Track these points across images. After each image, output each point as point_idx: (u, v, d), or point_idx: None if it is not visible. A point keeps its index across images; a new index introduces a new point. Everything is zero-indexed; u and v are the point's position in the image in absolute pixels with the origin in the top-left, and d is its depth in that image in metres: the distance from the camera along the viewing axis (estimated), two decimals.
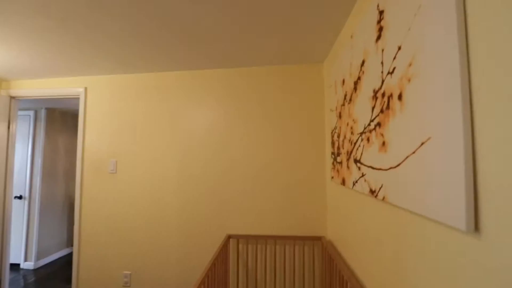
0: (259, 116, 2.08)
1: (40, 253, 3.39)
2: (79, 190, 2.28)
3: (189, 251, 2.08)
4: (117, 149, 2.24)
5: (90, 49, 1.80)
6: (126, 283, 2.13)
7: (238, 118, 2.10)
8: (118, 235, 2.18)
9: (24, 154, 3.50)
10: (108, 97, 2.29)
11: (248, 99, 2.10)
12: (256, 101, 2.09)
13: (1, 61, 2.01)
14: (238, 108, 2.11)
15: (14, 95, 2.41)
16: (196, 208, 2.10)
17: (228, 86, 2.14)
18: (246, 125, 2.08)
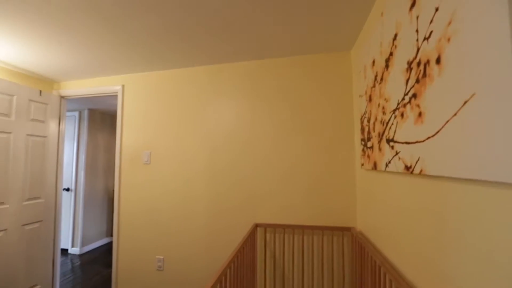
0: (285, 107, 2.08)
1: (84, 240, 3.69)
2: (118, 181, 2.44)
3: (217, 238, 2.13)
4: (151, 141, 2.37)
5: (127, 47, 1.93)
6: (160, 267, 2.23)
7: (264, 109, 2.12)
8: (152, 222, 2.30)
9: (70, 151, 3.84)
10: (143, 93, 2.44)
11: (274, 90, 2.11)
12: (282, 92, 2.09)
13: (54, 64, 2.24)
14: (264, 100, 2.12)
15: (64, 94, 2.67)
16: (224, 197, 2.14)
17: (254, 79, 2.17)
18: (273, 116, 2.09)
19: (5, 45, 1.87)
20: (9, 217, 2.17)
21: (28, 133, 2.34)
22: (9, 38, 1.78)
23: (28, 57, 2.10)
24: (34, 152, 2.39)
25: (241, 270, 1.57)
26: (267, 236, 2.04)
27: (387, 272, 1.14)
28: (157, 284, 2.25)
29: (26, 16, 1.52)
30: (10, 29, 1.66)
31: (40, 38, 1.77)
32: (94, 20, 1.56)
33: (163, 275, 2.24)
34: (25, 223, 2.30)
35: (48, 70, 2.39)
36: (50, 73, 2.46)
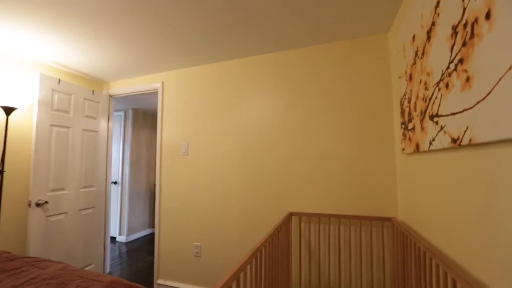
0: (318, 96, 2.05)
1: (130, 230, 4.00)
2: (159, 171, 2.61)
3: (251, 226, 2.17)
4: (189, 133, 2.50)
5: (167, 45, 2.07)
6: (197, 253, 2.33)
7: (297, 99, 2.11)
8: (190, 211, 2.42)
9: (117, 148, 4.19)
10: (180, 88, 2.58)
11: (306, 79, 2.10)
12: (315, 81, 2.07)
13: (104, 66, 2.49)
14: (297, 90, 2.12)
15: (112, 93, 2.94)
16: (258, 185, 2.18)
17: (286, 69, 2.17)
18: (306, 106, 2.08)
19: (65, 50, 2.13)
20: (69, 202, 2.44)
21: (83, 128, 2.61)
22: (69, 45, 2.02)
23: (82, 60, 2.36)
24: (88, 145, 2.66)
25: (276, 255, 1.58)
26: (302, 225, 2.03)
27: (433, 256, 1.07)
28: (194, 269, 2.35)
29: (83, 24, 1.71)
30: (69, 37, 1.88)
31: (92, 42, 1.98)
32: (137, 20, 1.70)
33: (200, 261, 2.33)
34: (81, 208, 2.57)
35: (98, 72, 2.65)
36: (100, 74, 2.72)
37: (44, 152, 2.25)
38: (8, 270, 1.39)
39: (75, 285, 1.20)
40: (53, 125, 2.34)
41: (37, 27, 1.79)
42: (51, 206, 2.29)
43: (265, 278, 1.31)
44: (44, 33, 1.88)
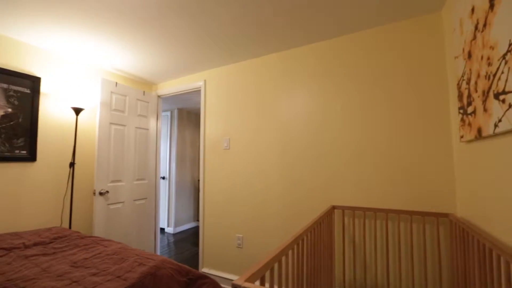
0: (362, 84, 1.95)
1: (176, 222, 4.27)
2: (203, 167, 2.75)
3: (291, 219, 2.15)
4: (230, 128, 2.58)
5: (209, 44, 2.17)
6: (239, 244, 2.40)
7: (339, 90, 2.04)
8: (232, 203, 2.50)
9: (165, 145, 4.51)
10: (221, 84, 2.68)
11: (349, 68, 2.01)
12: (358, 69, 1.97)
13: (152, 68, 2.71)
14: (338, 80, 2.04)
15: (159, 94, 3.18)
16: (299, 178, 2.15)
17: (326, 60, 2.11)
18: (349, 96, 2.00)
19: (122, 57, 2.37)
20: (125, 192, 2.71)
21: (136, 126, 2.88)
22: (125, 52, 2.25)
23: (135, 64, 2.60)
24: (140, 142, 2.92)
25: (318, 247, 1.55)
26: (345, 219, 1.95)
27: (502, 253, 0.94)
28: (236, 260, 2.42)
29: (136, 32, 1.88)
30: (125, 45, 2.09)
31: (143, 47, 2.17)
32: (185, 21, 1.81)
33: (242, 252, 2.39)
34: (135, 198, 2.82)
35: (148, 74, 2.90)
36: (150, 76, 2.97)
37: (105, 147, 2.53)
38: (80, 246, 1.60)
39: (132, 261, 1.33)
40: (112, 123, 2.62)
41: (101, 38, 2.03)
42: (111, 195, 2.56)
43: (307, 268, 1.29)
44: (106, 43, 2.11)
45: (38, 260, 1.38)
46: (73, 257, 1.41)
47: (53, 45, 2.22)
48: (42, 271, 1.23)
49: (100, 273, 1.21)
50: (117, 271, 1.22)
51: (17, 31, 1.98)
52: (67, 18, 1.80)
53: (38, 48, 2.24)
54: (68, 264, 1.31)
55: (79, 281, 1.12)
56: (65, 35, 2.03)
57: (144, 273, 1.19)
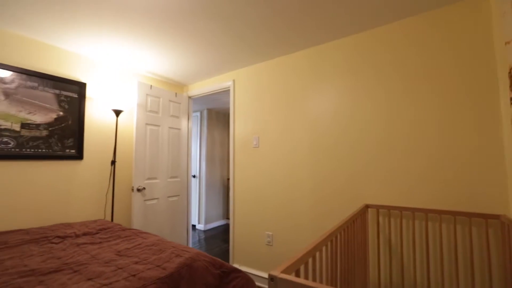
0: (399, 78, 1.86)
1: (207, 219, 4.40)
2: (232, 165, 2.80)
3: (322, 217, 2.11)
4: (259, 127, 2.60)
5: (239, 43, 2.21)
6: (269, 242, 2.41)
7: (369, 85, 1.96)
8: (261, 201, 2.51)
9: (195, 145, 4.67)
10: (250, 84, 2.72)
11: (380, 62, 1.93)
12: (390, 62, 1.88)
13: (184, 71, 2.83)
14: (368, 75, 1.97)
15: (190, 95, 3.30)
16: (329, 176, 2.11)
17: (355, 55, 2.04)
18: (380, 91, 1.91)
19: (155, 61, 2.50)
20: (160, 189, 2.85)
21: (169, 126, 3.02)
22: (158, 56, 2.37)
23: (167, 67, 2.73)
24: (172, 141, 3.06)
25: (352, 246, 1.51)
26: (380, 219, 1.87)
27: None
28: (266, 257, 2.43)
29: (170, 36, 1.98)
30: (159, 50, 2.21)
31: (175, 50, 2.27)
32: (216, 22, 1.87)
33: (272, 250, 2.40)
34: (169, 195, 2.96)
35: (179, 76, 3.02)
36: (181, 78, 3.10)
37: (142, 147, 2.69)
38: (122, 237, 1.72)
39: (170, 252, 1.40)
40: (148, 124, 2.78)
41: (137, 44, 2.16)
42: (147, 192, 2.71)
43: (340, 266, 1.26)
44: (142, 48, 2.25)
45: (88, 248, 1.50)
46: (117, 247, 1.52)
47: (96, 53, 2.40)
48: (91, 257, 1.35)
49: (141, 262, 1.29)
50: (157, 261, 1.29)
51: (66, 42, 2.19)
52: (108, 28, 1.94)
53: (84, 56, 2.45)
54: (113, 253, 1.42)
55: (124, 268, 1.21)
56: (106, 42, 2.19)
57: (181, 264, 1.25)
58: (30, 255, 1.39)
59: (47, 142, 2.20)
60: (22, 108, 2.08)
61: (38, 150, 2.14)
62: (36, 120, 2.15)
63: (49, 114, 2.22)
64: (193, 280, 1.20)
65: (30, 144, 2.11)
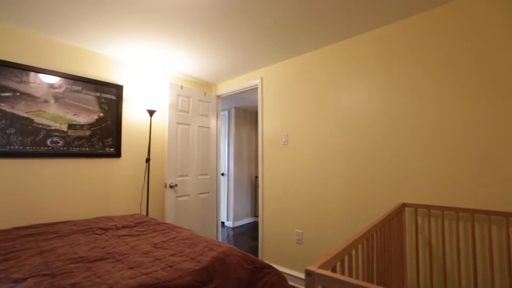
0: (434, 69, 1.73)
1: (235, 217, 4.46)
2: (261, 163, 2.81)
3: (354, 215, 2.03)
4: (287, 124, 2.58)
5: (266, 40, 2.20)
6: (299, 240, 2.38)
7: (406, 76, 1.85)
8: (291, 199, 2.49)
9: (223, 143, 4.75)
10: (278, 81, 2.70)
11: (422, 52, 1.81)
12: (431, 51, 1.75)
13: (212, 70, 2.89)
14: (405, 67, 1.85)
15: (219, 94, 3.37)
16: (361, 173, 2.02)
17: (389, 46, 1.94)
18: (418, 82, 1.79)
19: (186, 62, 2.59)
20: (191, 186, 2.95)
21: (199, 124, 3.10)
22: (189, 57, 2.45)
23: (196, 67, 2.81)
24: (202, 140, 3.14)
25: (388, 246, 1.44)
26: (419, 219, 1.76)
27: None
28: (296, 256, 2.40)
29: (200, 36, 2.04)
30: (189, 51, 2.28)
31: (204, 50, 2.33)
32: (244, 20, 1.88)
33: (301, 248, 2.37)
34: (199, 192, 3.05)
35: (208, 76, 3.10)
36: (209, 77, 3.17)
37: (173, 145, 2.80)
38: (157, 230, 1.81)
39: (203, 246, 1.44)
40: (179, 123, 2.88)
41: (168, 46, 2.26)
42: (179, 188, 2.82)
43: (377, 266, 1.21)
44: (174, 49, 2.34)
45: (127, 239, 1.60)
46: (153, 239, 1.60)
47: (131, 57, 2.54)
48: (131, 248, 1.43)
49: (177, 254, 1.34)
50: (191, 254, 1.33)
51: (106, 48, 2.34)
52: (142, 32, 2.04)
53: (120, 60, 2.60)
54: (150, 245, 1.49)
55: (161, 259, 1.26)
56: (140, 46, 2.31)
57: (215, 257, 1.28)
58: (78, 244, 1.51)
59: (90, 141, 2.37)
60: (69, 110, 2.27)
61: (82, 148, 2.32)
62: (80, 121, 2.33)
63: (91, 115, 2.40)
64: (226, 274, 1.22)
65: (76, 143, 2.29)
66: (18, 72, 2.02)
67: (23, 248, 1.41)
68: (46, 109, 2.14)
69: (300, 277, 2.34)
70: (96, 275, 1.10)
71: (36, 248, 1.42)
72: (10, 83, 1.98)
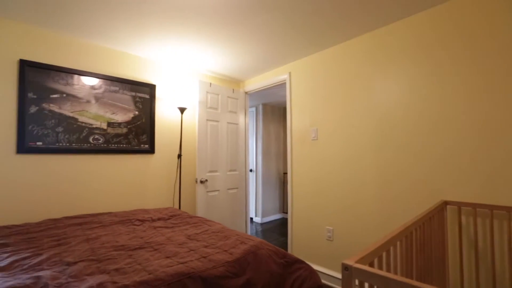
0: (488, 58, 1.57)
1: (264, 212, 4.49)
2: (290, 159, 2.78)
3: (389, 213, 1.94)
4: (317, 118, 2.52)
5: (293, 34, 2.16)
6: (329, 237, 2.32)
7: (448, 63, 1.71)
8: (321, 195, 2.44)
9: (251, 140, 4.78)
10: (306, 75, 2.65)
11: (459, 41, 1.66)
12: (475, 39, 1.60)
13: (240, 67, 2.91)
14: (446, 53, 1.71)
15: (246, 90, 3.39)
16: (398, 168, 1.92)
17: (432, 31, 1.80)
18: (464, 68, 1.65)
19: (214, 60, 2.64)
20: (220, 181, 3.01)
21: (227, 121, 3.15)
22: (217, 55, 2.49)
23: (225, 64, 2.85)
24: (231, 136, 3.19)
25: (428, 246, 1.35)
26: (463, 219, 1.63)
27: None
28: (327, 253, 2.36)
29: (228, 33, 2.06)
30: (218, 49, 2.32)
31: (232, 47, 2.35)
32: (272, 15, 1.87)
33: (332, 245, 2.31)
34: (229, 187, 3.10)
35: (236, 72, 3.13)
36: (237, 74, 3.20)
37: (203, 141, 2.88)
38: (190, 223, 1.87)
39: (234, 239, 1.46)
40: (208, 120, 2.95)
41: (198, 45, 2.31)
42: (209, 183, 2.89)
43: (416, 264, 1.14)
44: (203, 48, 2.39)
45: (163, 231, 1.68)
46: (187, 232, 1.66)
47: (162, 57, 2.65)
48: (167, 239, 1.50)
49: (210, 246, 1.38)
50: (223, 246, 1.37)
51: (140, 50, 2.46)
52: (174, 33, 2.11)
53: (153, 60, 2.72)
54: (184, 237, 1.55)
55: (195, 250, 1.31)
56: (171, 46, 2.39)
57: (247, 250, 1.30)
58: (119, 233, 1.62)
59: (127, 138, 2.52)
60: (108, 110, 2.42)
61: (120, 145, 2.47)
62: (118, 119, 2.48)
63: (128, 114, 2.54)
64: (258, 267, 1.23)
65: (114, 140, 2.44)
66: (64, 75, 2.20)
67: (72, 235, 1.55)
68: (88, 108, 2.31)
69: (330, 274, 2.29)
70: (137, 262, 1.17)
71: (83, 235, 1.54)
72: (58, 85, 2.16)
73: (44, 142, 2.08)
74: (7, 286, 0.89)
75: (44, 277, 0.98)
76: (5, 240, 1.42)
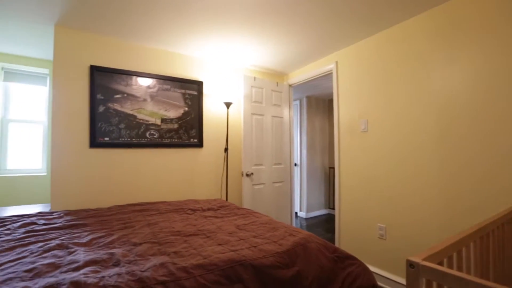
0: None
1: (308, 207, 4.41)
2: (338, 152, 2.67)
3: (453, 213, 1.72)
4: (367, 109, 2.37)
5: (337, 22, 2.04)
6: (382, 235, 2.18)
7: None
8: (371, 190, 2.29)
9: (296, 133, 4.71)
10: (354, 64, 2.49)
11: None
12: None
13: (283, 59, 2.87)
14: None
15: (290, 83, 3.34)
16: (464, 163, 1.69)
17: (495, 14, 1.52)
18: None
19: (258, 54, 2.64)
20: (265, 175, 3.04)
21: (272, 114, 3.15)
22: (261, 49, 2.49)
23: (268, 58, 2.84)
24: (275, 130, 3.18)
25: (508, 251, 1.17)
26: None
27: None
28: (378, 252, 2.21)
29: (271, 26, 2.04)
30: (262, 42, 2.31)
31: (276, 40, 2.32)
32: (313, 4, 1.80)
33: (385, 244, 2.16)
34: (274, 181, 3.12)
35: (280, 65, 3.09)
36: (281, 67, 3.16)
37: (249, 135, 2.92)
38: (238, 214, 1.93)
39: (283, 231, 1.46)
40: (253, 114, 2.99)
41: (242, 41, 2.34)
42: (254, 177, 2.94)
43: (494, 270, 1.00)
44: (247, 43, 2.41)
45: (213, 220, 1.76)
46: (236, 222, 1.72)
47: (209, 54, 2.75)
48: (217, 228, 1.57)
49: (258, 236, 1.40)
50: (272, 237, 1.38)
51: (187, 49, 2.59)
52: (218, 30, 2.17)
53: (199, 58, 2.85)
54: (234, 226, 1.61)
55: (245, 239, 1.35)
56: (215, 42, 2.47)
57: (296, 242, 1.29)
58: (174, 220, 1.74)
59: (178, 133, 2.69)
60: (161, 107, 2.61)
61: (172, 139, 2.65)
62: (170, 116, 2.66)
63: (178, 110, 2.71)
64: (308, 260, 1.21)
65: (167, 135, 2.63)
66: (124, 77, 2.43)
67: (135, 220, 1.72)
68: (144, 106, 2.52)
69: (383, 274, 2.15)
70: (192, 247, 1.24)
71: (145, 221, 1.70)
72: (120, 86, 2.40)
73: (110, 138, 2.34)
74: (89, 259, 1.03)
75: (116, 254, 1.11)
76: (85, 221, 1.64)
